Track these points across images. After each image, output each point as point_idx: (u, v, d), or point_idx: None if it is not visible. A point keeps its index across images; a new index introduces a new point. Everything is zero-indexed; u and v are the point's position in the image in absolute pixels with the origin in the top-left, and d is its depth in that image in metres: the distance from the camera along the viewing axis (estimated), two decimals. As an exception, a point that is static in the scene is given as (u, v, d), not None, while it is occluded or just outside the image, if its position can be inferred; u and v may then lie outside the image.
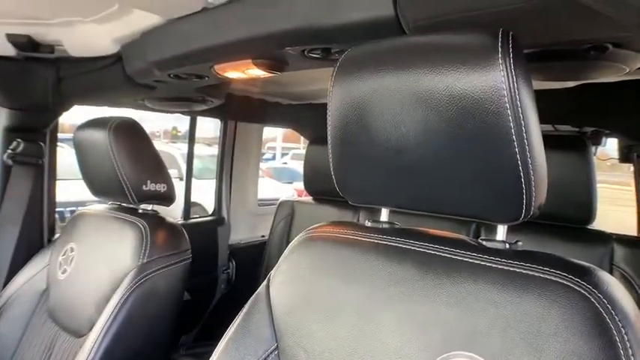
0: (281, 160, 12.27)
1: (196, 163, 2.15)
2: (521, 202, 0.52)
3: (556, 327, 0.48)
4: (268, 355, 0.66)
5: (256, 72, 0.97)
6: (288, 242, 1.99)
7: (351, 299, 0.62)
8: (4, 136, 1.35)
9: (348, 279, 0.63)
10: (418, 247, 0.61)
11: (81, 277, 1.19)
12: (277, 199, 2.12)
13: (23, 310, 1.26)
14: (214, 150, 2.30)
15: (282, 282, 0.69)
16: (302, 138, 2.54)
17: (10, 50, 1.19)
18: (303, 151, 2.02)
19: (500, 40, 0.49)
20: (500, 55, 0.49)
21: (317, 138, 1.93)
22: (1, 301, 1.29)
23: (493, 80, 0.49)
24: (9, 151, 1.33)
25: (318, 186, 1.90)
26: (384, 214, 0.69)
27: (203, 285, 2.01)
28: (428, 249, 0.60)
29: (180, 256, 1.14)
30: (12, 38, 1.13)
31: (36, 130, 1.40)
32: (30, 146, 1.37)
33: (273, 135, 13.51)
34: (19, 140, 1.35)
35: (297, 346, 0.63)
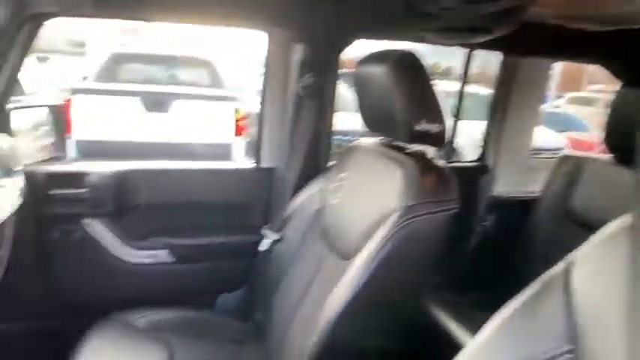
0: (553, 103, 10.70)
1: (455, 102, 2.01)
2: None
3: None
4: (560, 355, 0.53)
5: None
6: (566, 206, 1.70)
7: None
8: (298, 70, 1.50)
9: None
10: None
11: (349, 206, 1.26)
12: (551, 150, 1.79)
13: (302, 223, 1.45)
14: (475, 88, 2.08)
15: (594, 272, 0.53)
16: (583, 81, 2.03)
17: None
18: (585, 94, 1.60)
19: None
20: None
21: (634, 77, 1.48)
22: (288, 212, 1.52)
23: None
24: (301, 84, 1.48)
25: (626, 142, 1.48)
26: None
27: (456, 233, 1.94)
28: None
29: (446, 205, 1.06)
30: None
31: (321, 65, 1.51)
32: (317, 80, 1.49)
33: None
34: (309, 74, 1.48)
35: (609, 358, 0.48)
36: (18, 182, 1.25)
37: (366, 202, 1.19)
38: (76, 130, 4.33)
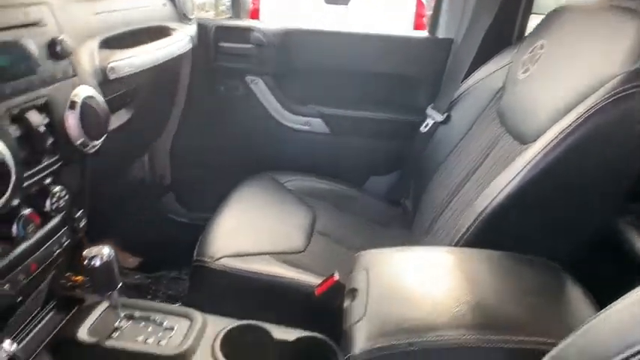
0: None
1: None
2: None
3: None
4: None
5: None
6: None
7: None
8: None
9: None
10: None
11: (542, 80, 0.99)
12: None
13: (475, 103, 1.22)
14: None
15: None
16: None
17: None
18: None
19: None
20: None
21: None
22: (460, 91, 1.30)
23: None
24: None
25: None
26: None
27: None
28: None
29: None
30: None
31: None
32: None
33: None
34: None
35: None
36: (191, 29, 1.29)
37: (566, 74, 0.91)
38: (262, 18, 4.54)
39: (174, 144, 1.56)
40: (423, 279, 0.71)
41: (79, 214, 0.89)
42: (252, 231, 1.14)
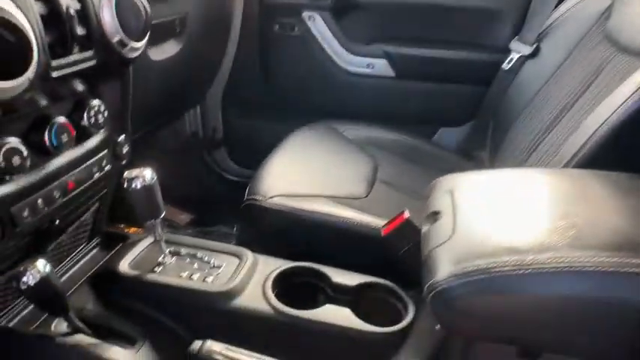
0: None
1: None
2: None
3: None
4: None
5: None
6: None
7: None
8: None
9: None
10: None
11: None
12: None
13: (574, 30, 1.03)
14: None
15: None
16: None
17: None
18: None
19: None
20: None
21: None
22: (551, 20, 1.12)
23: None
24: None
25: None
26: None
27: None
28: None
29: None
30: None
31: None
32: None
33: None
34: None
35: None
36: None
37: None
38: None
39: (225, 95, 1.47)
40: (524, 197, 0.56)
41: (121, 138, 0.81)
42: (307, 175, 1.03)
